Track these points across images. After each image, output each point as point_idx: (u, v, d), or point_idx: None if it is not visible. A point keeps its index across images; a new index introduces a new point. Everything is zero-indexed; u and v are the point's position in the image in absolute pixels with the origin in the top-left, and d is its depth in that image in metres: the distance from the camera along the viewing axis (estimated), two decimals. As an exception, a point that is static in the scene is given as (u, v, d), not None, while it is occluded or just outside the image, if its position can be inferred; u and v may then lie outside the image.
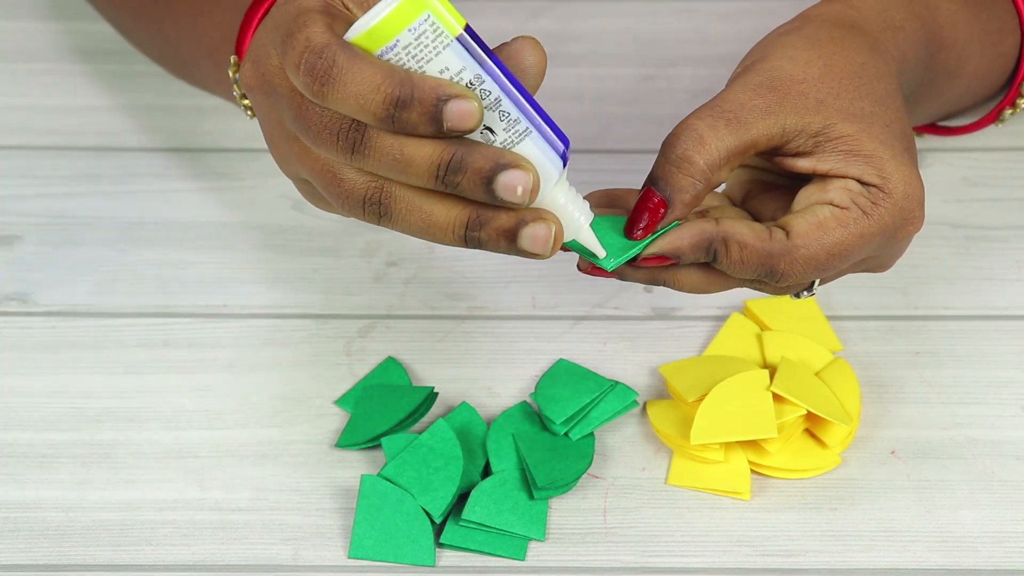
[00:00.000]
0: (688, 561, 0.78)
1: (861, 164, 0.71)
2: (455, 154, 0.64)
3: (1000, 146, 0.97)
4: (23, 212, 0.95)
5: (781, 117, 0.71)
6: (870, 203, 0.71)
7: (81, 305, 0.90)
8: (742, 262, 0.71)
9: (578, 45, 1.05)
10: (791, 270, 0.71)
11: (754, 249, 0.71)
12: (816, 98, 0.72)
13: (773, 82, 0.72)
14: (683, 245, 0.70)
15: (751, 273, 0.71)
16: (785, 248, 0.71)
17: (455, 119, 0.63)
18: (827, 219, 0.71)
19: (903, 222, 0.72)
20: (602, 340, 0.87)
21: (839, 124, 0.72)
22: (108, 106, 1.01)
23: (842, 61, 0.73)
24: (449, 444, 0.80)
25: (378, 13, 0.63)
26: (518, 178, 0.64)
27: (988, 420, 0.83)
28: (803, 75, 0.72)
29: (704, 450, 0.80)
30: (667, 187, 0.70)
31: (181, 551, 0.78)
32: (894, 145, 0.72)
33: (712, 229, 0.71)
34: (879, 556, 0.77)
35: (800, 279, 0.72)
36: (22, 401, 0.85)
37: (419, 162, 0.64)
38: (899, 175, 0.71)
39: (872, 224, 0.71)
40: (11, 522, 0.79)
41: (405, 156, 0.64)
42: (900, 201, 0.71)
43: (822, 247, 0.71)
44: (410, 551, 0.77)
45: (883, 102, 0.73)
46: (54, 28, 1.06)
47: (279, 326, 0.88)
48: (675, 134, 0.71)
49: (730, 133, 0.71)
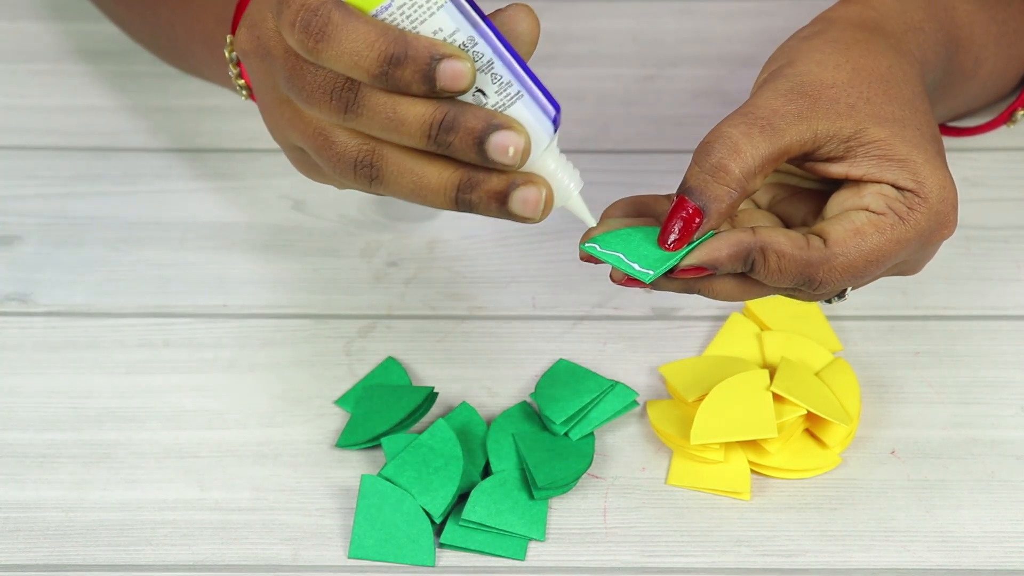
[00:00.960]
0: (688, 561, 0.78)
1: (896, 169, 0.71)
2: (447, 114, 0.64)
3: (1000, 146, 0.97)
4: (23, 212, 0.95)
5: (813, 123, 0.71)
6: (906, 208, 0.71)
7: (81, 305, 0.90)
8: (780, 271, 0.70)
9: (578, 45, 1.05)
10: (829, 278, 0.70)
11: (792, 259, 0.70)
12: (847, 103, 0.71)
13: (803, 87, 0.71)
14: (721, 256, 0.69)
15: (788, 282, 0.71)
16: (823, 256, 0.70)
17: (448, 79, 0.63)
18: (864, 225, 0.71)
19: (938, 226, 0.72)
20: (602, 340, 0.87)
21: (871, 129, 0.71)
22: (108, 106, 1.01)
23: (870, 64, 0.73)
24: (449, 444, 0.80)
25: None
26: (509, 139, 0.64)
27: (988, 420, 0.83)
28: (832, 80, 0.72)
29: (704, 450, 0.80)
30: (702, 197, 0.70)
31: (181, 551, 0.78)
32: (927, 148, 0.71)
33: (749, 239, 0.70)
34: (879, 556, 0.77)
35: (837, 287, 0.71)
36: (22, 401, 0.85)
37: (411, 121, 0.64)
38: (934, 179, 0.71)
39: (909, 229, 0.71)
40: (11, 522, 0.79)
41: (398, 115, 0.64)
42: (936, 205, 0.71)
43: (860, 254, 0.70)
44: (410, 551, 0.77)
45: (912, 105, 0.73)
46: (54, 28, 1.06)
47: (279, 326, 0.88)
48: (708, 142, 0.70)
49: (764, 140, 0.70)
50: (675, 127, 1.00)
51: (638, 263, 0.70)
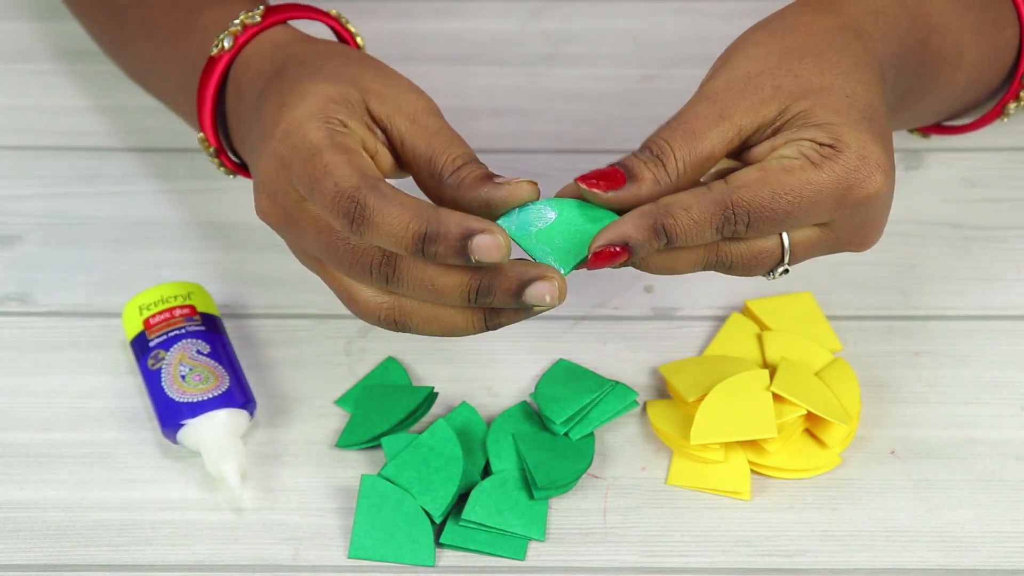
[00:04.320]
0: (688, 561, 0.78)
1: (813, 129, 0.72)
2: (482, 281, 0.70)
3: (1000, 146, 0.97)
4: (23, 212, 0.95)
5: (736, 119, 0.72)
6: (819, 156, 0.71)
7: (81, 305, 0.90)
8: (695, 223, 0.70)
9: (578, 45, 1.05)
10: (741, 207, 0.70)
11: (699, 204, 0.70)
12: (772, 85, 0.72)
13: (729, 83, 0.73)
14: (627, 230, 0.70)
15: (708, 231, 0.70)
16: (727, 189, 0.70)
17: (483, 252, 0.68)
18: (770, 164, 0.71)
19: (858, 180, 0.71)
20: (602, 340, 0.87)
21: (795, 103, 0.72)
22: (108, 106, 1.01)
23: (803, 42, 0.74)
24: (449, 444, 0.80)
25: None
26: (544, 288, 0.69)
27: (988, 420, 0.83)
28: (760, 67, 0.73)
29: (704, 450, 0.80)
30: (631, 172, 0.71)
31: (181, 551, 0.78)
32: (851, 114, 0.72)
33: (652, 208, 0.70)
34: (879, 556, 0.77)
35: (758, 223, 0.71)
36: (22, 401, 0.85)
37: (450, 290, 0.70)
38: (852, 137, 0.71)
39: (821, 175, 0.71)
40: (11, 522, 0.79)
41: (436, 286, 0.70)
42: (853, 159, 0.71)
43: (769, 189, 0.70)
44: (410, 551, 0.77)
45: (847, 74, 0.73)
46: (54, 29, 1.06)
47: (279, 326, 0.88)
48: (645, 146, 0.72)
49: (686, 144, 0.71)
50: (675, 127, 1.00)
51: (552, 254, 0.71)
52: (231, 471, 0.79)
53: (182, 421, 0.80)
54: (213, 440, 0.79)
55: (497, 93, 1.02)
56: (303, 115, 0.73)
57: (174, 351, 0.83)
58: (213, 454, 0.79)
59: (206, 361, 0.82)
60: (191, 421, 0.80)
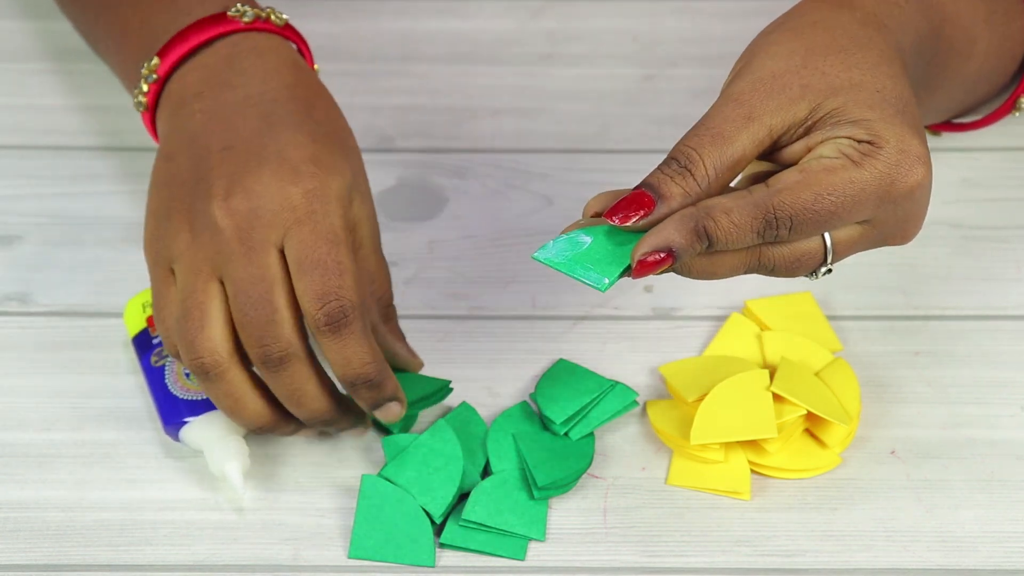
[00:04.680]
0: (688, 561, 0.78)
1: (850, 127, 0.71)
2: (335, 415, 0.79)
3: (1000, 146, 0.97)
4: (23, 212, 0.95)
5: (766, 119, 0.71)
6: (860, 154, 0.70)
7: (81, 305, 0.90)
8: (735, 226, 0.69)
9: (578, 45, 1.05)
10: (783, 212, 0.69)
11: (740, 208, 0.69)
12: (800, 84, 0.71)
13: (754, 84, 0.72)
14: (670, 234, 0.69)
15: (750, 235, 0.70)
16: (768, 193, 0.70)
17: (384, 413, 0.79)
18: (812, 165, 0.70)
19: (900, 175, 0.70)
20: (602, 340, 0.87)
21: (826, 101, 0.71)
22: (109, 106, 1.01)
23: (827, 40, 0.73)
24: (449, 444, 0.80)
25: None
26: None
27: (988, 420, 0.83)
28: (785, 67, 0.72)
29: (704, 450, 0.80)
30: (658, 192, 0.70)
31: (181, 551, 0.78)
32: (884, 108, 0.71)
33: (692, 210, 0.69)
34: (879, 556, 0.77)
35: (800, 226, 0.70)
36: (22, 401, 0.85)
37: (309, 408, 0.78)
38: (890, 131, 0.70)
39: (863, 172, 0.70)
40: (11, 522, 0.79)
41: (302, 400, 0.78)
42: (894, 154, 0.70)
43: (812, 191, 0.69)
44: (410, 551, 0.77)
45: (874, 69, 0.72)
46: (55, 28, 1.06)
47: (279, 326, 0.88)
48: (672, 157, 0.71)
49: (716, 149, 0.70)
50: (675, 127, 0.99)
51: (594, 269, 0.70)
52: (234, 470, 0.79)
53: (185, 419, 0.80)
54: (216, 439, 0.79)
55: (497, 93, 1.02)
56: (335, 193, 0.77)
57: None
58: (216, 453, 0.79)
59: None
60: (194, 419, 0.80)
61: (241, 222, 0.76)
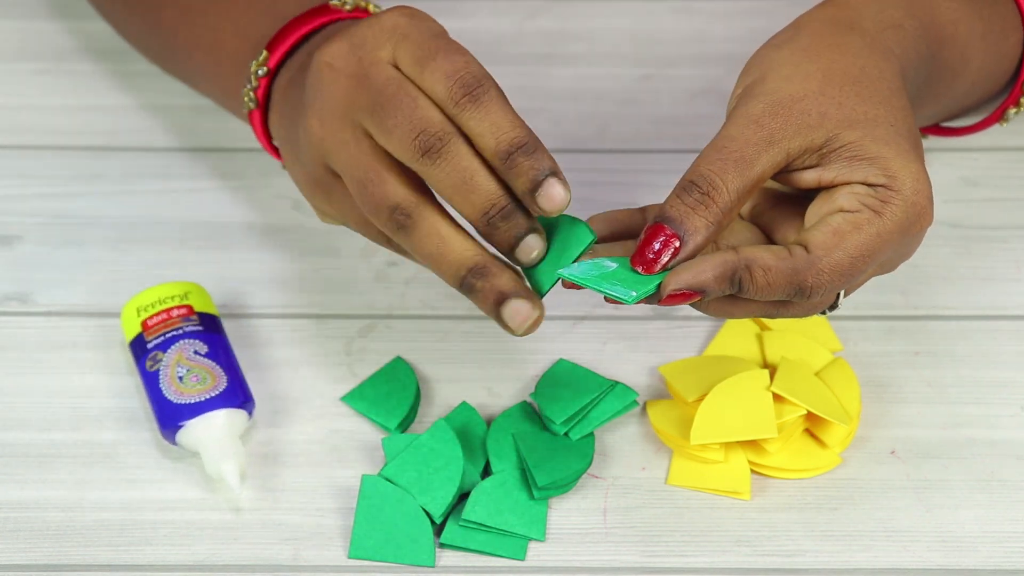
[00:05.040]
0: (688, 561, 0.78)
1: (865, 167, 0.71)
2: (508, 205, 0.71)
3: (1000, 146, 0.97)
4: (23, 212, 0.95)
5: (785, 143, 0.71)
6: (879, 202, 0.71)
7: (81, 305, 0.90)
8: (768, 285, 0.70)
9: (577, 45, 1.05)
10: (818, 282, 0.70)
11: (779, 270, 0.70)
12: (818, 112, 0.72)
13: (774, 107, 0.72)
14: (707, 278, 0.70)
15: (779, 294, 0.71)
16: (808, 261, 0.70)
17: (546, 198, 0.70)
18: (842, 224, 0.71)
19: (916, 218, 0.72)
20: (602, 340, 0.87)
21: (843, 133, 0.71)
22: (108, 106, 1.01)
23: (841, 67, 0.73)
24: (449, 444, 0.80)
25: None
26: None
27: (988, 420, 0.83)
28: (802, 91, 0.72)
29: (704, 450, 0.80)
30: (681, 227, 0.70)
31: (181, 551, 0.78)
32: (900, 144, 0.72)
33: (734, 258, 0.70)
34: (879, 556, 0.78)
35: (828, 291, 0.71)
36: (22, 401, 0.85)
37: (480, 192, 0.70)
38: (906, 172, 0.71)
39: (887, 222, 0.71)
40: (11, 522, 0.79)
41: (473, 182, 0.70)
42: (911, 196, 0.71)
43: (845, 253, 0.70)
44: (410, 551, 0.77)
45: (887, 102, 0.73)
46: (54, 28, 1.06)
47: (279, 326, 0.88)
48: (690, 180, 0.71)
49: (738, 175, 0.70)
50: (674, 127, 1.00)
51: (620, 285, 0.70)
52: (230, 471, 0.79)
53: (180, 422, 0.80)
54: (212, 441, 0.79)
55: (497, 93, 1.02)
56: (426, 14, 0.74)
57: (171, 352, 0.83)
58: (212, 455, 0.79)
59: (204, 361, 0.82)
60: (189, 422, 0.80)
61: (346, 58, 0.73)
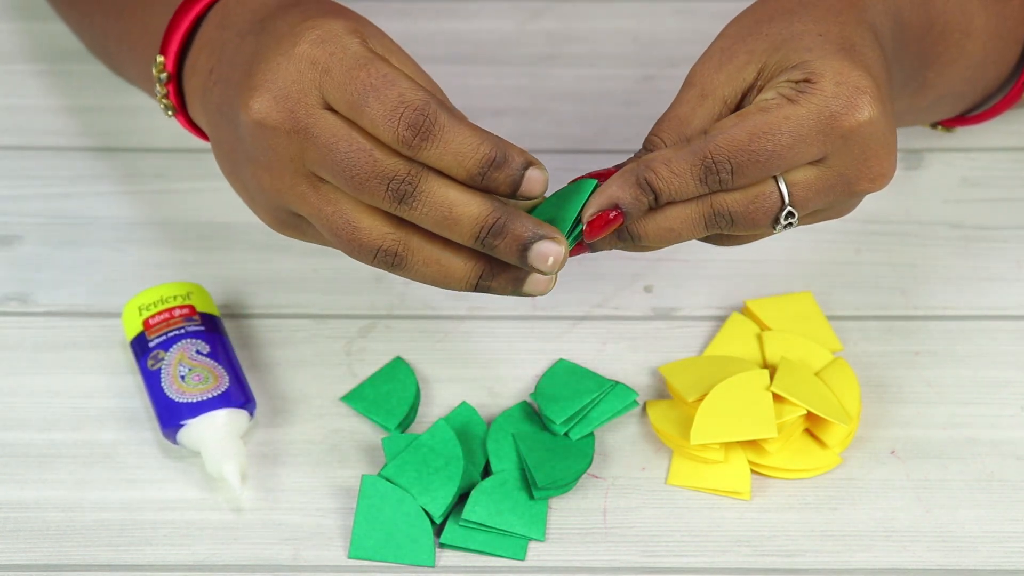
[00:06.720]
0: (688, 561, 0.78)
1: (788, 71, 0.71)
2: (499, 219, 0.69)
3: (1000, 146, 0.97)
4: (23, 212, 0.95)
5: (718, 92, 0.73)
6: (796, 92, 0.71)
7: (81, 305, 0.90)
8: (676, 175, 0.70)
9: (578, 45, 1.05)
10: (720, 157, 0.70)
11: (679, 157, 0.70)
12: (745, 51, 0.73)
13: (704, 63, 0.73)
14: (614, 191, 0.70)
15: (691, 182, 0.70)
16: (706, 140, 0.71)
17: (529, 186, 0.69)
18: (749, 109, 0.71)
19: (841, 107, 0.70)
20: (602, 340, 0.87)
21: (769, 59, 0.72)
22: (108, 106, 1.01)
23: (774, 7, 0.74)
24: (449, 444, 0.80)
25: None
26: (551, 248, 0.69)
27: (988, 420, 0.83)
28: (732, 40, 0.73)
29: (704, 450, 0.80)
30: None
31: (181, 551, 0.78)
32: (825, 48, 0.71)
33: (633, 166, 0.71)
34: (879, 556, 0.77)
35: (741, 170, 0.70)
36: (22, 401, 0.85)
37: (465, 221, 0.69)
38: (827, 67, 0.71)
39: (798, 109, 0.70)
40: (11, 522, 0.79)
41: (453, 215, 0.68)
42: (830, 87, 0.70)
43: (742, 129, 0.70)
44: (410, 551, 0.77)
45: (820, 20, 0.72)
46: (54, 29, 1.06)
47: (279, 326, 0.88)
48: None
49: (676, 133, 0.72)
50: (675, 127, 1.00)
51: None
52: (231, 471, 0.79)
53: (182, 422, 0.80)
54: (213, 440, 0.79)
55: (497, 93, 1.02)
56: (340, 29, 0.70)
57: (173, 351, 0.83)
58: (213, 454, 0.79)
59: (205, 361, 0.82)
60: (191, 421, 0.80)
61: (278, 114, 0.71)
